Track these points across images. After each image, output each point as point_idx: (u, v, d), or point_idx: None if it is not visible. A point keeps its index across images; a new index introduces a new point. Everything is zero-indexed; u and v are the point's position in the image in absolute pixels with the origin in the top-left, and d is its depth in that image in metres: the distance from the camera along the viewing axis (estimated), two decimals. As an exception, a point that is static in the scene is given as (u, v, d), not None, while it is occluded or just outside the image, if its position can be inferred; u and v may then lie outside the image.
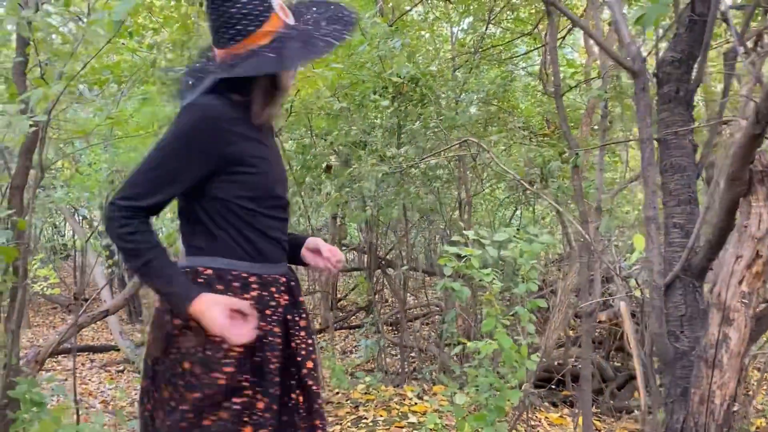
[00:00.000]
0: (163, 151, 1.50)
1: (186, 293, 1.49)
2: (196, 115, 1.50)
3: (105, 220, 1.48)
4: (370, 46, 4.42)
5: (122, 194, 1.47)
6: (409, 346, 6.29)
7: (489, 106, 5.59)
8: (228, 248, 1.56)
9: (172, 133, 1.51)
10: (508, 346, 2.83)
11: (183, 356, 1.53)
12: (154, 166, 1.50)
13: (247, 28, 1.53)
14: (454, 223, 6.22)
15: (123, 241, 1.46)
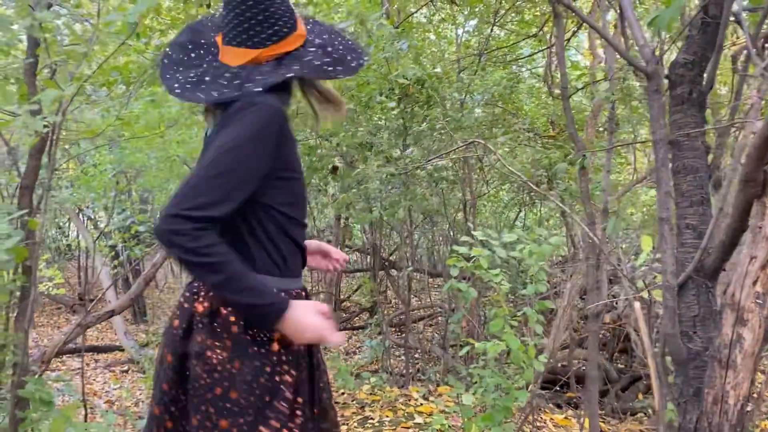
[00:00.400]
0: (232, 155, 1.36)
1: (280, 303, 1.40)
2: (266, 115, 1.40)
3: (167, 234, 1.30)
4: (377, 48, 4.43)
5: (189, 204, 1.31)
6: (413, 347, 6.30)
7: (494, 108, 5.60)
8: (260, 260, 1.48)
9: (240, 135, 1.37)
10: (516, 347, 2.84)
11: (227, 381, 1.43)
12: (223, 171, 1.35)
13: (285, 29, 1.50)
14: (458, 225, 6.23)
15: (198, 255, 1.31)
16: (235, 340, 1.43)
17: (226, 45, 1.53)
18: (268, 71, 1.46)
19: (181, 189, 1.35)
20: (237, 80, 1.46)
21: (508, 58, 6.50)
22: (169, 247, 1.32)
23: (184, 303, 1.51)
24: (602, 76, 5.51)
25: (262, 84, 1.41)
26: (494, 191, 7.09)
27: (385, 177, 4.53)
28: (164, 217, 1.31)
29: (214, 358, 1.42)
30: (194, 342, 1.45)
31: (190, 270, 1.36)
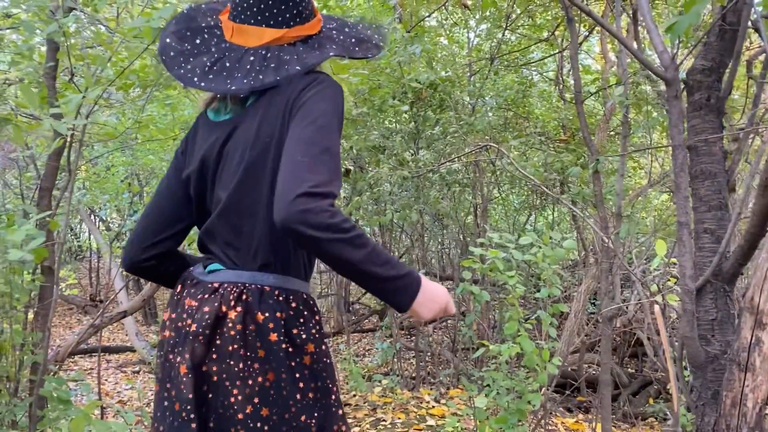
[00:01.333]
0: (326, 131, 1.25)
1: (417, 273, 1.29)
2: (338, 90, 1.33)
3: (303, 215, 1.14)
4: (390, 52, 4.47)
5: (312, 183, 1.16)
6: (423, 350, 6.32)
7: (505, 112, 5.62)
8: (299, 264, 1.39)
9: (327, 111, 1.28)
10: (531, 350, 2.85)
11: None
12: (324, 149, 1.23)
13: (306, 11, 1.43)
14: (468, 228, 6.25)
15: (341, 231, 1.16)
16: (270, 350, 1.29)
17: (241, 23, 1.43)
18: (302, 51, 1.39)
19: (294, 170, 1.20)
20: (270, 64, 1.36)
21: (520, 62, 6.52)
22: (308, 229, 1.15)
23: (202, 305, 1.33)
24: (614, 80, 5.53)
25: (303, 65, 1.34)
26: (504, 195, 7.11)
27: (396, 180, 4.56)
28: (292, 200, 1.15)
29: (246, 371, 1.28)
30: (221, 351, 1.29)
31: (332, 250, 1.17)
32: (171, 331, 1.36)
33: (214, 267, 1.40)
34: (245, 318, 1.30)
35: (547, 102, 6.56)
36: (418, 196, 4.63)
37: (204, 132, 1.48)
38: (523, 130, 5.79)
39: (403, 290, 1.26)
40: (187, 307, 1.35)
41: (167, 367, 1.34)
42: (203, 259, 1.45)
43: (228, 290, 1.32)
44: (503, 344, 2.90)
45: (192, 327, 1.31)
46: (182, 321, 1.34)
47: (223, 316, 1.30)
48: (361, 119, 4.67)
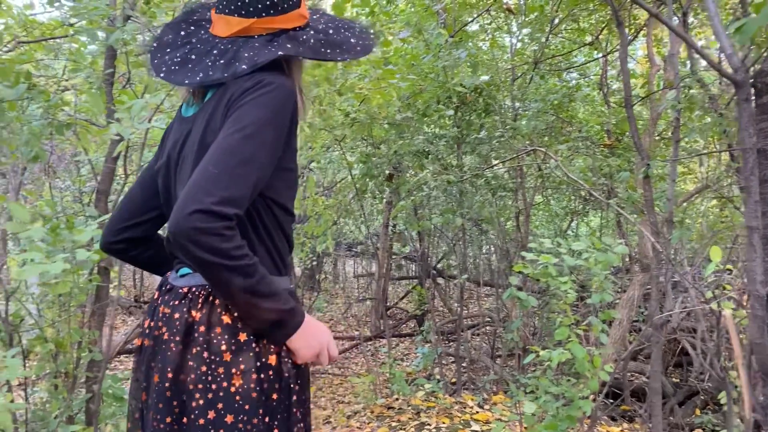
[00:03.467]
0: (254, 141, 1.18)
1: (300, 311, 1.27)
2: (284, 95, 1.25)
3: (193, 234, 1.10)
4: (434, 57, 4.48)
5: (215, 199, 1.12)
6: (463, 356, 6.29)
7: (548, 117, 5.58)
8: (266, 262, 1.33)
9: (259, 118, 1.20)
10: (582, 356, 2.83)
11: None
12: (244, 160, 1.17)
13: (286, 4, 1.36)
14: (509, 234, 6.21)
15: (231, 258, 1.13)
16: (237, 353, 1.24)
17: (218, 14, 1.38)
18: (258, 47, 1.32)
19: (201, 181, 1.14)
20: (223, 58, 1.32)
21: (562, 66, 6.47)
22: (195, 249, 1.11)
23: (173, 312, 1.29)
24: (660, 84, 5.44)
25: (250, 64, 1.27)
26: (545, 200, 7.05)
27: (440, 184, 4.57)
28: (187, 214, 1.10)
29: (210, 375, 1.23)
30: (190, 356, 1.25)
31: (215, 274, 1.14)
32: (150, 340, 1.33)
33: (184, 271, 1.36)
34: (210, 319, 1.26)
35: (591, 106, 6.49)
36: (462, 201, 4.63)
37: (176, 126, 1.46)
38: (566, 135, 5.74)
39: (281, 325, 1.23)
40: (161, 314, 1.33)
41: (147, 375, 1.32)
42: (175, 261, 1.42)
43: (196, 294, 1.29)
44: (554, 350, 2.88)
45: (165, 335, 1.29)
46: (158, 329, 1.31)
47: (193, 321, 1.27)
48: (405, 124, 4.70)
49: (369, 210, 5.77)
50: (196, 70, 1.32)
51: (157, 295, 1.41)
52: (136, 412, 1.39)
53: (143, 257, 1.56)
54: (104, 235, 1.55)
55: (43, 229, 2.12)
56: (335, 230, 6.57)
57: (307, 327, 1.27)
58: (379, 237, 7.12)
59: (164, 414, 1.24)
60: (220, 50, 1.34)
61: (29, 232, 2.10)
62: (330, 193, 6.09)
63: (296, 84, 1.39)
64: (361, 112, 4.33)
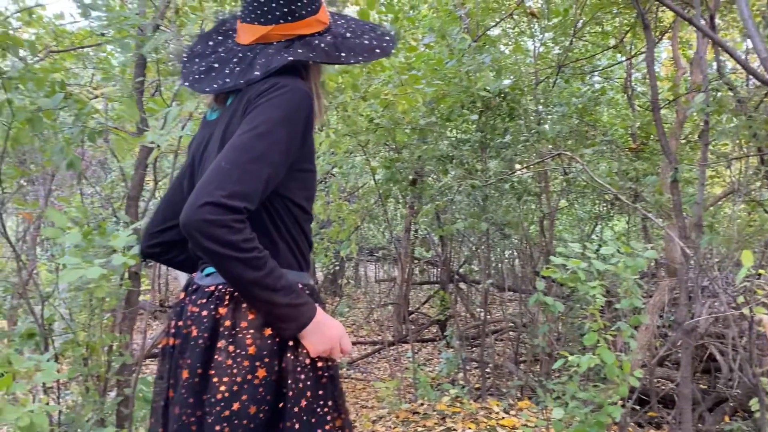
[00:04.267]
0: (267, 139, 1.24)
1: (312, 305, 1.31)
2: (296, 97, 1.30)
3: (203, 225, 1.14)
4: (458, 62, 4.49)
5: (225, 192, 1.16)
6: (486, 362, 6.27)
7: (573, 120, 5.56)
8: (287, 256, 1.38)
9: (272, 118, 1.26)
10: (611, 362, 2.81)
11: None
12: (259, 156, 1.22)
13: (303, 11, 1.41)
14: (532, 238, 6.18)
15: (238, 250, 1.17)
16: (261, 347, 1.29)
17: (242, 23, 1.45)
18: (273, 53, 1.37)
19: (213, 175, 1.19)
20: (242, 65, 1.38)
21: (586, 70, 6.44)
22: (205, 240, 1.15)
23: (201, 310, 1.34)
24: (686, 87, 5.39)
25: (263, 70, 1.33)
26: (569, 204, 7.01)
27: (464, 189, 4.57)
28: (198, 206, 1.15)
29: (234, 368, 1.27)
30: (216, 350, 1.30)
31: (224, 266, 1.19)
32: (178, 338, 1.38)
33: (209, 270, 1.41)
34: (235, 315, 1.30)
35: (615, 109, 6.45)
36: (486, 205, 4.63)
37: (200, 130, 1.53)
38: (590, 138, 5.71)
39: (291, 318, 1.26)
40: (190, 313, 1.37)
41: (175, 373, 1.36)
42: (200, 262, 1.47)
43: (222, 291, 1.34)
44: (582, 356, 2.86)
45: (194, 332, 1.33)
46: (187, 328, 1.36)
47: (219, 317, 1.31)
48: (429, 129, 4.71)
49: (392, 215, 5.78)
50: (217, 77, 1.39)
51: (183, 295, 1.46)
52: (159, 409, 1.44)
53: (178, 259, 1.61)
54: (142, 241, 1.62)
55: (79, 235, 2.16)
56: (358, 235, 6.60)
57: (319, 322, 1.30)
58: (400, 241, 7.13)
59: (194, 408, 1.29)
60: (239, 58, 1.40)
61: (66, 237, 2.15)
62: (353, 198, 6.12)
63: (313, 87, 1.45)
64: (385, 117, 4.35)
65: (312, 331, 1.29)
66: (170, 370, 1.39)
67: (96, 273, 1.88)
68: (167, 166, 6.23)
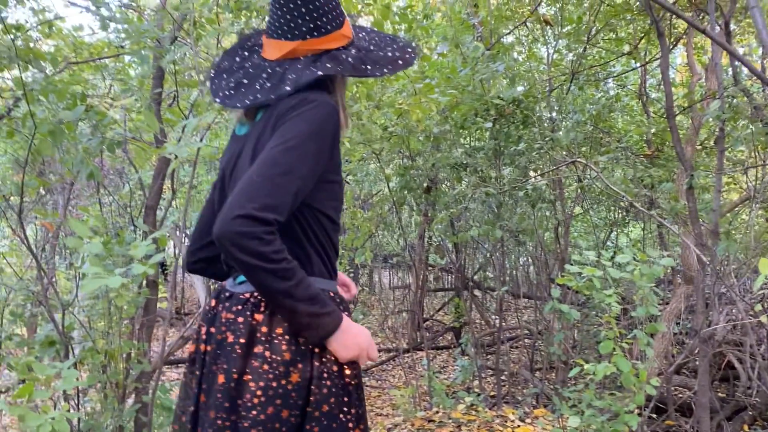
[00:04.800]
0: (296, 152, 1.28)
1: (338, 314, 1.34)
2: (324, 112, 1.34)
3: (236, 237, 1.19)
4: (472, 70, 4.51)
5: (257, 205, 1.21)
6: (502, 369, 6.24)
7: (587, 127, 5.55)
8: (319, 265, 1.43)
9: (301, 132, 1.30)
10: (627, 370, 2.80)
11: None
12: (289, 170, 1.26)
13: (329, 26, 1.45)
14: (547, 246, 6.17)
15: (269, 261, 1.21)
16: (295, 353, 1.34)
17: (269, 38, 1.48)
18: (301, 68, 1.41)
19: (245, 188, 1.24)
20: (271, 81, 1.41)
21: (600, 77, 6.43)
22: (237, 251, 1.20)
23: (236, 316, 1.38)
24: (701, 93, 5.37)
25: (293, 85, 1.37)
26: (584, 211, 6.99)
27: (479, 196, 4.58)
28: (231, 219, 1.20)
29: (271, 373, 1.31)
30: (253, 355, 1.33)
31: (255, 276, 1.23)
32: (212, 345, 1.41)
33: (242, 278, 1.44)
34: (271, 321, 1.35)
35: (630, 116, 6.43)
36: (500, 213, 4.63)
37: (230, 145, 1.57)
38: (605, 145, 5.69)
39: (317, 327, 1.30)
40: (224, 320, 1.40)
41: (209, 378, 1.39)
42: (232, 270, 1.50)
43: (258, 298, 1.37)
44: (598, 364, 2.85)
45: (229, 338, 1.36)
46: (221, 334, 1.39)
47: (256, 324, 1.36)
48: (442, 137, 4.73)
49: (406, 222, 5.80)
50: (248, 93, 1.43)
51: (214, 303, 1.48)
52: (183, 415, 1.47)
53: (221, 273, 1.64)
54: (185, 258, 1.67)
55: (100, 245, 2.20)
56: (372, 242, 6.62)
57: (346, 329, 1.34)
58: (415, 248, 7.15)
59: (230, 412, 1.33)
60: (268, 73, 1.44)
61: (87, 246, 2.18)
62: (367, 206, 6.15)
63: (339, 101, 1.49)
64: (399, 126, 4.38)
65: (339, 338, 1.33)
66: (202, 375, 1.42)
67: (117, 282, 1.91)
68: (183, 174, 6.31)
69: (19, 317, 3.48)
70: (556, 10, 5.85)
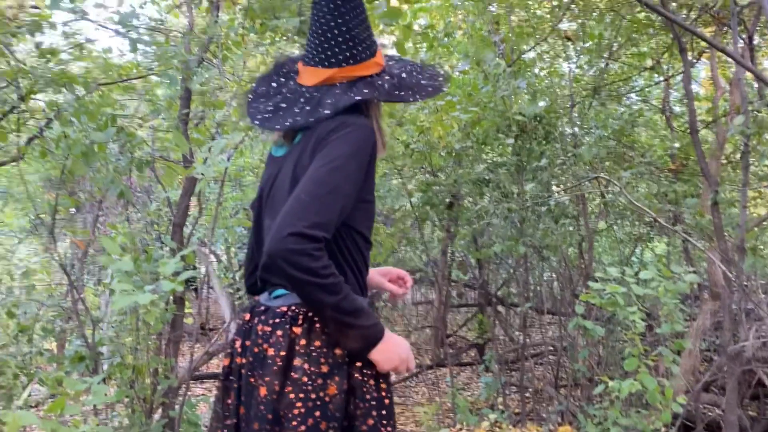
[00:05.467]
0: (340, 173, 1.36)
1: (382, 326, 1.41)
2: (364, 134, 1.42)
3: (287, 254, 1.26)
4: (493, 87, 4.54)
5: (306, 223, 1.28)
6: (524, 386, 6.19)
7: (610, 142, 5.53)
8: (353, 281, 1.48)
9: (344, 153, 1.38)
10: (653, 387, 2.78)
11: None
12: (333, 189, 1.34)
13: (363, 54, 1.53)
14: (570, 261, 6.13)
15: (318, 276, 1.28)
16: (333, 366, 1.39)
17: (306, 66, 1.56)
18: (339, 94, 1.48)
19: (294, 207, 1.30)
20: (309, 105, 1.48)
21: (622, 91, 6.41)
22: (289, 268, 1.26)
23: (275, 329, 1.42)
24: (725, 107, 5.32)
25: (332, 108, 1.44)
26: (608, 227, 6.94)
27: (501, 212, 4.58)
28: (283, 237, 1.26)
29: (310, 385, 1.36)
30: (293, 368, 1.38)
31: (306, 290, 1.30)
32: (248, 357, 1.46)
33: (279, 292, 1.49)
34: (310, 334, 1.40)
35: (653, 131, 6.39)
36: (523, 228, 4.63)
37: (267, 166, 1.64)
38: (628, 160, 5.66)
39: (361, 338, 1.37)
40: (261, 333, 1.45)
41: (248, 390, 1.44)
42: (268, 285, 1.55)
43: (296, 312, 1.43)
44: (623, 381, 2.83)
45: (269, 351, 1.41)
46: (258, 346, 1.43)
47: (295, 336, 1.41)
48: (464, 153, 4.75)
49: (428, 238, 5.82)
50: (286, 116, 1.50)
51: (248, 317, 1.53)
52: (231, 427, 1.51)
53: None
54: (244, 281, 1.74)
55: (130, 262, 2.26)
56: (395, 257, 6.65)
57: (388, 341, 1.41)
58: (437, 264, 7.14)
59: (273, 424, 1.38)
60: (306, 98, 1.51)
61: (118, 264, 2.25)
62: (389, 222, 6.18)
63: (375, 123, 1.56)
64: (421, 142, 4.42)
65: (381, 349, 1.39)
66: (239, 388, 1.47)
67: (146, 299, 1.97)
68: (209, 191, 6.41)
69: (50, 333, 3.55)
70: (578, 26, 5.86)
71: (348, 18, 1.51)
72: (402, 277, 1.82)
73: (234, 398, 1.49)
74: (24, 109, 3.16)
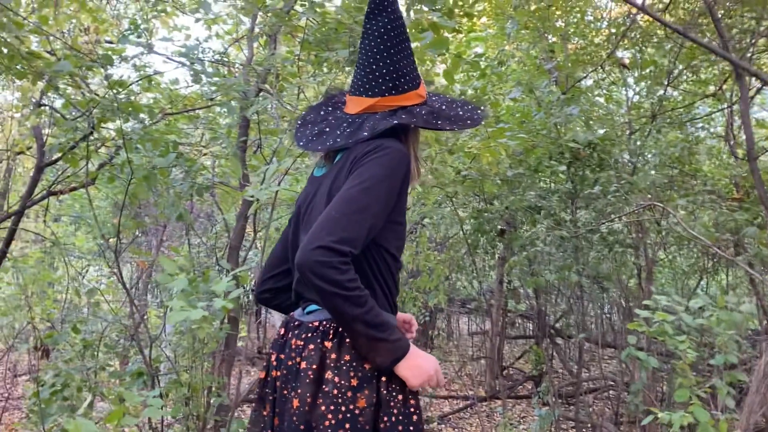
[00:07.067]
0: (372, 193, 1.42)
1: (407, 341, 1.44)
2: (398, 158, 1.48)
3: (315, 266, 1.31)
4: (546, 114, 4.54)
5: (335, 238, 1.34)
6: (584, 421, 6.01)
7: (670, 170, 5.41)
8: (381, 299, 1.52)
9: (376, 174, 1.44)
10: (705, 420, 2.67)
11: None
12: (363, 208, 1.40)
13: (406, 85, 1.61)
14: (631, 292, 5.96)
15: (345, 288, 1.32)
16: (362, 379, 1.42)
17: (351, 95, 1.65)
18: (379, 119, 1.56)
19: (324, 223, 1.37)
20: (351, 128, 1.57)
21: (683, 119, 6.27)
22: (315, 279, 1.31)
23: (307, 343, 1.48)
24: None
25: (371, 131, 1.52)
26: (671, 257, 6.72)
27: (553, 240, 4.54)
28: (311, 249, 1.32)
29: (340, 398, 1.40)
30: (324, 381, 1.43)
31: (331, 302, 1.34)
32: (282, 370, 1.51)
33: (312, 308, 1.55)
34: (340, 348, 1.44)
35: (717, 159, 6.20)
36: (577, 257, 4.56)
37: (307, 185, 1.71)
38: (691, 188, 5.51)
39: (386, 352, 1.39)
40: (294, 347, 1.50)
41: (281, 402, 1.49)
42: (302, 301, 1.60)
43: (327, 327, 1.48)
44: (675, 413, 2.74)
45: (302, 364, 1.46)
46: (292, 360, 1.48)
47: (326, 350, 1.45)
48: (516, 180, 4.75)
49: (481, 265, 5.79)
50: (328, 138, 1.60)
51: (283, 332, 1.61)
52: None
53: (285, 304, 1.76)
54: (256, 289, 1.81)
55: (186, 281, 2.38)
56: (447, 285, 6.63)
57: (415, 356, 1.43)
58: (492, 293, 7.06)
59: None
60: (348, 123, 1.61)
61: (174, 283, 2.37)
62: (442, 249, 6.18)
63: (411, 151, 1.64)
64: (473, 169, 4.45)
65: (407, 364, 1.42)
66: (274, 400, 1.53)
67: (198, 315, 2.06)
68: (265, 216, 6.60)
69: (113, 350, 3.73)
70: (636, 53, 5.80)
71: (393, 51, 1.59)
72: (408, 321, 1.83)
73: (269, 410, 1.54)
74: (96, 137, 3.38)
